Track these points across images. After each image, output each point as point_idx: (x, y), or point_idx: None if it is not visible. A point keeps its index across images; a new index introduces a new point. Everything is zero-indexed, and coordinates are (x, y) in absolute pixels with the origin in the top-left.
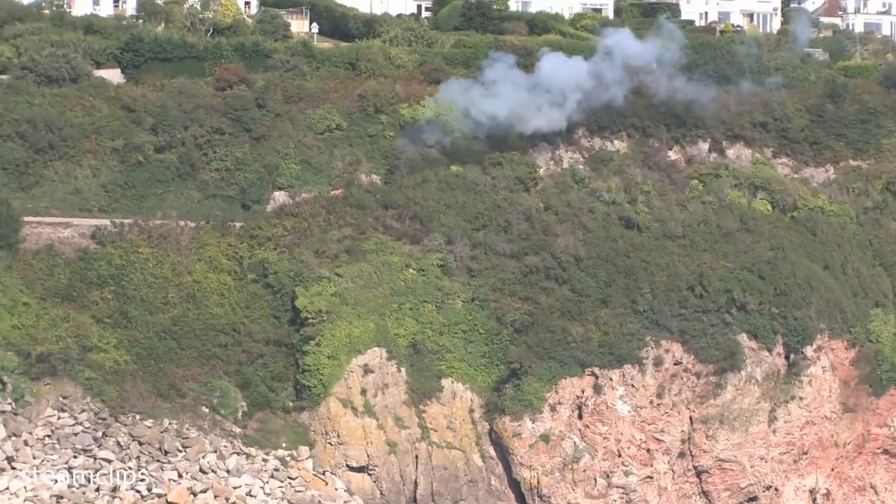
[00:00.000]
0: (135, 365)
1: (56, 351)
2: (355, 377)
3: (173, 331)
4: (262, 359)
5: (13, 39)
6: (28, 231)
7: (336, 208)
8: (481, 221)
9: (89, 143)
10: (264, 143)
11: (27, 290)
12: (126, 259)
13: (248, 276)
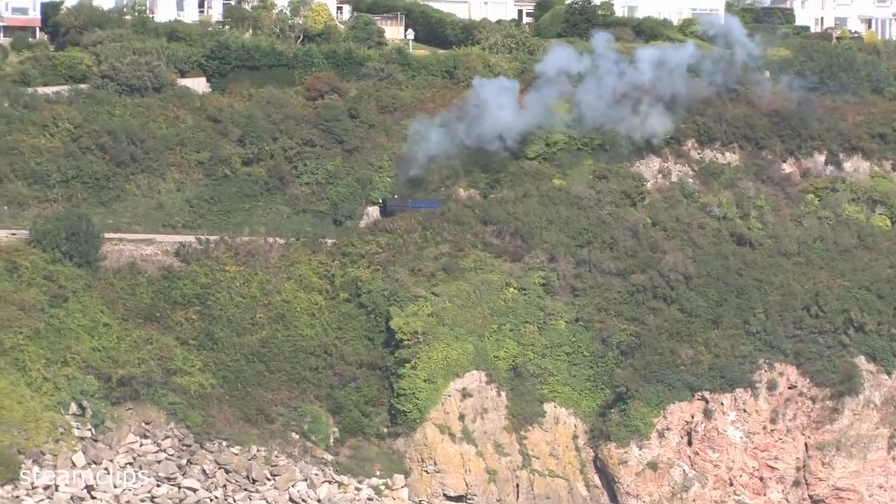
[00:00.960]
0: (221, 389)
1: (138, 374)
2: (453, 402)
3: (261, 353)
4: (354, 382)
5: (93, 46)
6: (109, 248)
7: (433, 224)
8: (585, 238)
9: (173, 156)
10: (357, 155)
11: (108, 310)
12: (212, 278)
13: (341, 295)
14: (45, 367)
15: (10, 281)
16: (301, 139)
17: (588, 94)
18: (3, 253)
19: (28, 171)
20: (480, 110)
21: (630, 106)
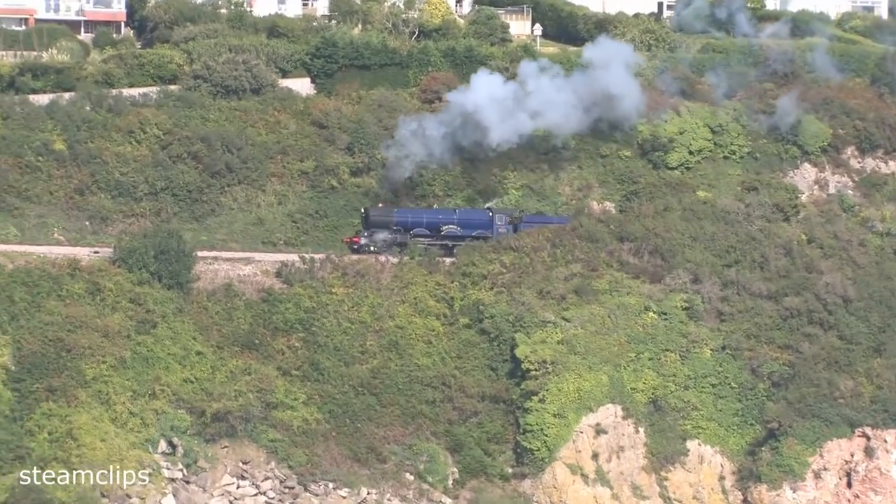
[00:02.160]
0: (327, 424)
1: (235, 408)
2: (586, 439)
3: (372, 385)
4: (476, 417)
5: (184, 43)
6: (202, 268)
7: (563, 241)
8: (733, 256)
9: (274, 165)
10: (479, 164)
11: (201, 337)
12: (317, 301)
13: (460, 320)
14: (132, 401)
15: (93, 304)
16: None
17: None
18: (85, 274)
19: (112, 182)
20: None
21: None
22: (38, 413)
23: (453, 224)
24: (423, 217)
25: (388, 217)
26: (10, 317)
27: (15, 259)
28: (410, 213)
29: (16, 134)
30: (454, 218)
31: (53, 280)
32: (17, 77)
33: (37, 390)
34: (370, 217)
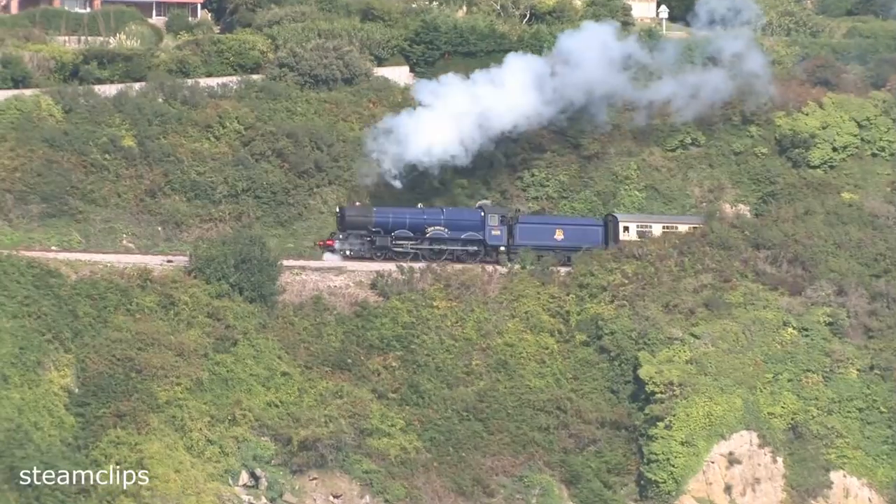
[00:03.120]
0: (428, 454)
1: (325, 436)
2: (717, 469)
3: (478, 409)
4: (594, 445)
5: (268, 28)
6: (288, 279)
7: (692, 249)
8: (882, 265)
9: (367, 164)
10: (598, 163)
11: (287, 355)
12: (417, 315)
13: (577, 337)
14: (210, 427)
15: (166, 320)
16: (528, 144)
17: None
18: (157, 285)
19: (187, 182)
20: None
21: None
22: (104, 441)
23: (440, 225)
24: (406, 217)
25: (367, 217)
26: (73, 333)
27: (79, 269)
28: (392, 212)
29: (80, 129)
30: (441, 218)
31: (122, 292)
32: (81, 65)
33: (103, 416)
34: (346, 217)
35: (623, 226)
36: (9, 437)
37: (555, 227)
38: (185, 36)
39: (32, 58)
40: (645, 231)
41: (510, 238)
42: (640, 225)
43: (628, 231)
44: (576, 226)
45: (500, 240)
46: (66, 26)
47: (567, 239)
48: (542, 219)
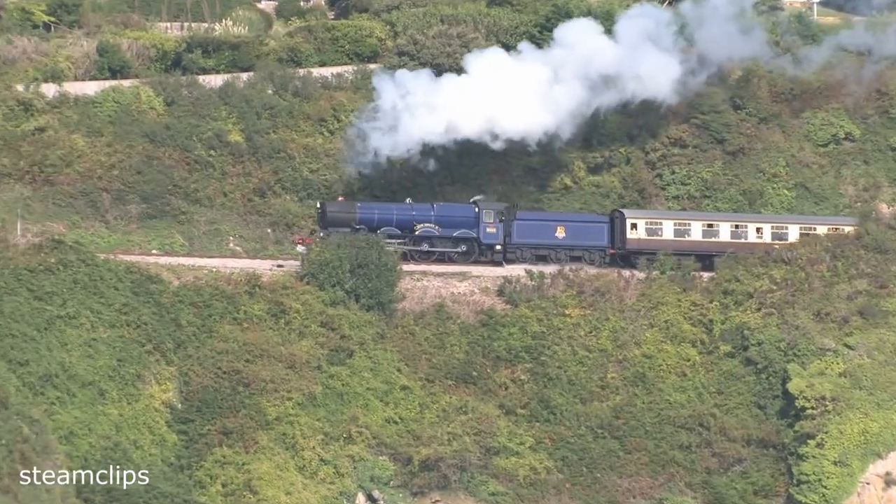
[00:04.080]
0: (560, 474)
1: (448, 454)
2: (873, 491)
3: (614, 426)
4: (740, 465)
5: (387, 13)
6: (409, 285)
7: (846, 252)
8: None
9: (495, 162)
10: (743, 159)
11: (407, 368)
12: (547, 324)
13: (721, 348)
14: (323, 446)
15: (276, 329)
16: (668, 138)
17: None
18: (267, 292)
19: (299, 181)
20: None
21: None
22: (209, 460)
23: (430, 222)
24: (393, 213)
25: (350, 213)
26: (175, 344)
27: (182, 274)
28: (377, 208)
29: (182, 123)
30: (431, 215)
31: (228, 299)
32: (184, 54)
33: (208, 433)
34: (327, 214)
35: (631, 223)
36: (106, 457)
37: (556, 224)
38: (296, 22)
39: (131, 46)
40: (655, 228)
41: (507, 236)
42: (650, 222)
43: (636, 229)
44: (579, 223)
45: (496, 238)
46: (167, 12)
47: (569, 237)
48: (542, 215)
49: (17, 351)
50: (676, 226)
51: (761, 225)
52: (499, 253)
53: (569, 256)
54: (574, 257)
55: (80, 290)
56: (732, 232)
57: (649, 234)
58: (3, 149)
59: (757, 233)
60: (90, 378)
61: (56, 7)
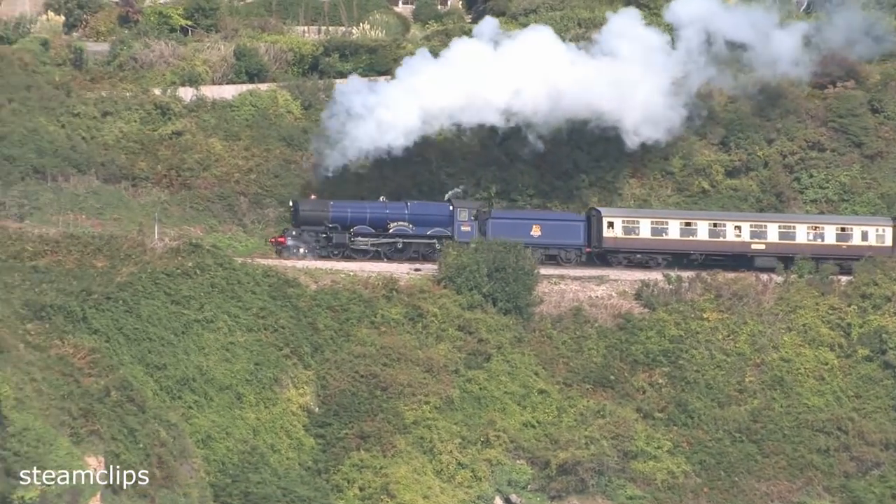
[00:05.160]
0: (698, 478)
1: (586, 458)
2: None
3: (752, 430)
4: (878, 469)
5: (524, 17)
6: (546, 288)
7: None
8: None
9: (632, 164)
10: (881, 163)
11: (545, 372)
12: (685, 328)
13: (859, 352)
14: (460, 450)
15: (414, 333)
16: (805, 141)
17: None
18: (404, 296)
19: (436, 184)
20: None
21: None
22: (347, 464)
23: (404, 221)
24: (367, 211)
25: (322, 212)
26: (313, 348)
27: (319, 278)
28: (350, 206)
29: (320, 126)
30: (405, 213)
31: (366, 303)
32: (321, 57)
33: (346, 437)
34: (300, 212)
35: (607, 221)
36: (244, 461)
37: (531, 223)
38: (434, 26)
39: (268, 49)
40: (632, 227)
41: (482, 234)
42: (627, 221)
43: (613, 227)
44: (555, 221)
45: (471, 236)
46: (304, 15)
47: (545, 235)
48: (518, 213)
49: (154, 355)
50: (654, 224)
51: (740, 223)
52: None
53: (545, 255)
54: (550, 256)
55: (218, 294)
56: (711, 231)
57: (626, 233)
58: (141, 153)
59: (736, 231)
60: (228, 382)
61: (193, 11)
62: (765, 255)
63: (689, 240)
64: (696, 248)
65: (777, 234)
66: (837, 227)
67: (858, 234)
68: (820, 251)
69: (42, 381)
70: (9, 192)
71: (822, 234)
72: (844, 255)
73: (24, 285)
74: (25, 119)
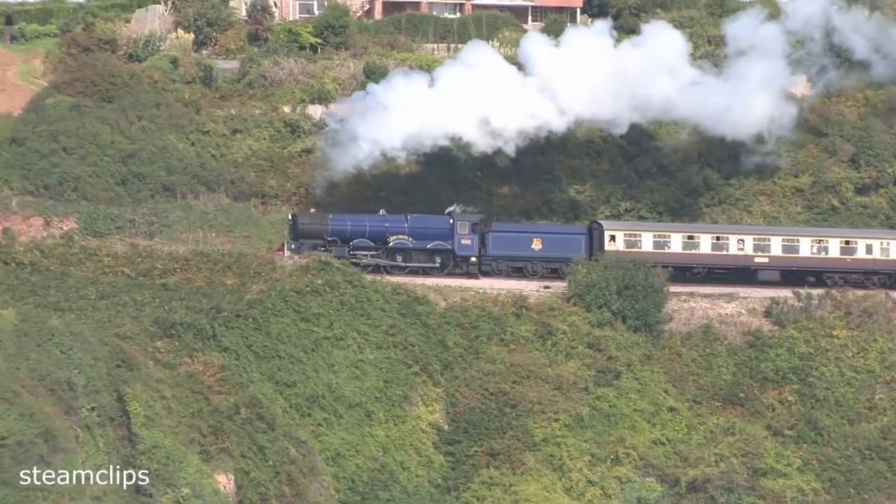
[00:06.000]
0: (827, 495)
1: (716, 476)
2: None
3: (882, 447)
4: None
5: None
6: (675, 306)
7: None
8: None
9: (762, 181)
10: None
11: (674, 389)
12: (814, 346)
13: None
14: (590, 467)
15: (543, 350)
16: None
17: None
18: (533, 313)
19: (565, 201)
20: None
21: None
22: (476, 482)
23: (403, 234)
24: (366, 225)
25: (322, 225)
26: (442, 365)
27: (448, 295)
28: (350, 220)
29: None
30: (404, 227)
31: (495, 321)
32: None
33: (475, 454)
34: (298, 225)
35: (609, 235)
36: (373, 478)
37: (532, 237)
38: None
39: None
40: (634, 241)
41: (482, 248)
42: (629, 234)
43: (615, 240)
44: (556, 234)
45: (471, 250)
46: (433, 33)
47: (546, 249)
48: (519, 227)
49: (284, 372)
50: (656, 238)
51: (743, 237)
52: (474, 265)
53: (546, 269)
54: (552, 269)
55: (347, 312)
56: (713, 244)
57: (628, 246)
58: (270, 170)
59: (739, 244)
60: (357, 399)
61: (322, 28)
62: (768, 269)
63: (692, 253)
64: (699, 262)
65: (780, 247)
66: (842, 240)
67: (863, 247)
68: (824, 265)
69: (172, 398)
70: (139, 210)
71: (826, 248)
72: (849, 268)
73: (153, 303)
74: (155, 137)
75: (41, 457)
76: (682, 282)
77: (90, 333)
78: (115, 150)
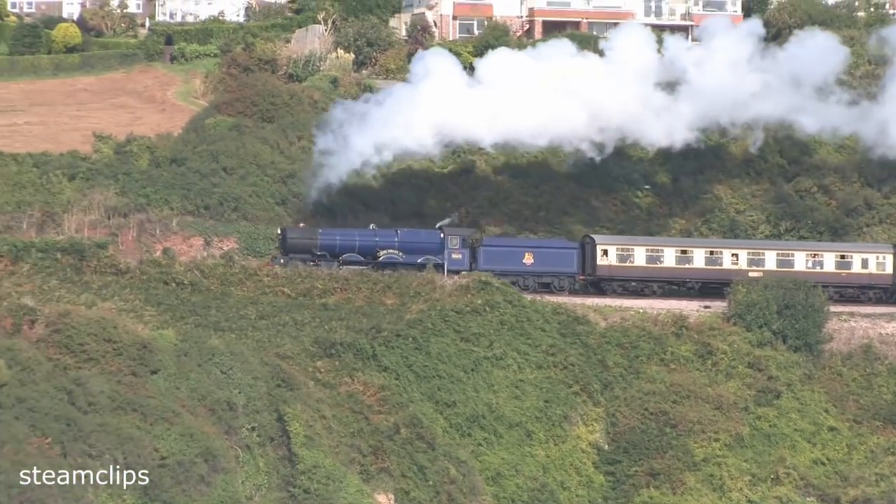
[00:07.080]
0: None
1: (876, 495)
2: None
3: None
4: None
5: None
6: (836, 325)
7: None
8: None
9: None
10: None
11: (835, 409)
12: None
13: None
14: (750, 487)
15: (703, 370)
16: None
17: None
18: (694, 333)
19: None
20: None
21: None
22: (637, 502)
23: (393, 248)
24: (356, 239)
25: (311, 239)
26: (602, 385)
27: (608, 315)
28: (339, 234)
29: (609, 164)
30: (394, 241)
31: (655, 340)
32: None
33: (636, 474)
34: (287, 240)
35: (602, 249)
36: (533, 498)
37: (523, 251)
38: None
39: None
40: (626, 255)
41: (473, 262)
42: (621, 248)
43: (607, 255)
44: (548, 249)
45: (462, 264)
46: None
47: (538, 263)
48: (510, 241)
49: (443, 392)
50: (649, 252)
51: (737, 251)
52: None
53: (538, 283)
54: (543, 284)
55: (507, 332)
56: (707, 258)
57: (621, 261)
58: (430, 189)
59: (732, 259)
60: (517, 419)
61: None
62: None
63: (685, 268)
64: (693, 276)
65: (775, 261)
66: (837, 254)
67: (858, 261)
68: (819, 279)
69: (332, 418)
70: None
71: (821, 262)
72: (844, 283)
73: (314, 323)
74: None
75: (201, 476)
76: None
77: (250, 353)
78: (275, 170)
